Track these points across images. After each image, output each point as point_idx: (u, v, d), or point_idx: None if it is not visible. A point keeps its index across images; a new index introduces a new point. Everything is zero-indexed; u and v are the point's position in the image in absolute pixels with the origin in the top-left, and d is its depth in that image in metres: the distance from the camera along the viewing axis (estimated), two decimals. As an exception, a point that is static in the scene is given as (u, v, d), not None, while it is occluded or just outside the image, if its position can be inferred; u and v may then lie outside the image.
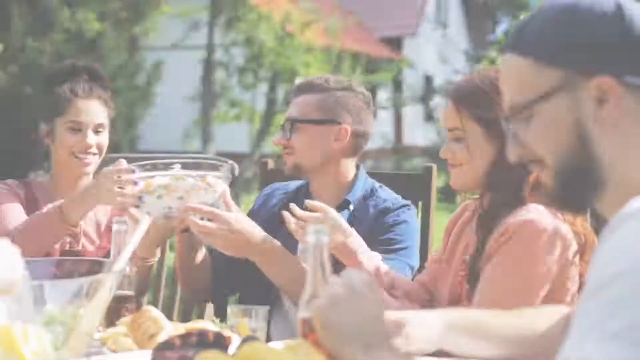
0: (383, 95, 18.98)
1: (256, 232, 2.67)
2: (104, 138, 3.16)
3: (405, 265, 2.84)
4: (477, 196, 2.64)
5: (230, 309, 2.26)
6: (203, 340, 1.76)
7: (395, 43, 25.69)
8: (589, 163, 1.44)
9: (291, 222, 2.60)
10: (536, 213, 2.37)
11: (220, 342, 1.76)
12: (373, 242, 2.77)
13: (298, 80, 3.24)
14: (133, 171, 2.73)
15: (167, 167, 2.70)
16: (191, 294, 3.17)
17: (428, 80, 24.81)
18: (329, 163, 2.99)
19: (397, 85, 20.44)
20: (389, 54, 23.84)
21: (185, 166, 2.71)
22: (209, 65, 13.05)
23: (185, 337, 1.75)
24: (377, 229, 2.88)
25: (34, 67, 15.94)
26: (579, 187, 1.47)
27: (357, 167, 3.08)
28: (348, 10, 23.00)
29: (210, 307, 3.25)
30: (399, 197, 3.00)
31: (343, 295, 1.49)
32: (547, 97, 1.46)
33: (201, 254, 2.98)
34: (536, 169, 1.53)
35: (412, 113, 24.35)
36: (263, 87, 14.32)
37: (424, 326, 1.79)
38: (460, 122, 2.52)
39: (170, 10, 13.37)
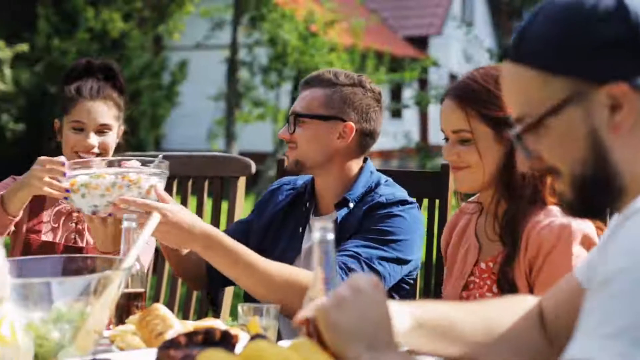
0: (408, 94, 18.97)
1: (196, 222, 2.53)
2: (109, 138, 3.15)
3: (395, 257, 2.73)
4: (473, 198, 2.63)
5: (241, 307, 2.23)
6: (209, 339, 1.74)
7: (420, 42, 25.64)
8: (605, 171, 1.38)
9: None
10: (563, 215, 2.33)
11: (227, 341, 1.74)
12: (359, 234, 2.73)
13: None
14: (63, 164, 2.71)
15: (112, 164, 2.68)
16: (188, 284, 3.13)
17: (453, 79, 24.72)
18: (331, 161, 2.90)
19: (423, 84, 20.37)
20: (414, 53, 23.77)
21: (110, 164, 2.69)
22: (232, 65, 13.04)
23: (191, 335, 1.73)
24: (365, 222, 2.79)
25: (59, 66, 16.02)
26: (597, 196, 1.41)
27: (365, 161, 2.98)
28: (372, 10, 23.00)
29: (226, 306, 3.24)
30: (401, 193, 2.88)
31: (348, 296, 1.46)
32: (558, 110, 1.39)
33: None
34: (550, 177, 1.50)
35: (437, 112, 24.25)
36: (287, 87, 14.30)
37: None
38: (468, 124, 2.47)
39: (194, 10, 13.37)
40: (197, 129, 18.42)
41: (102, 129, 3.12)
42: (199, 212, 3.65)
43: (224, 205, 3.61)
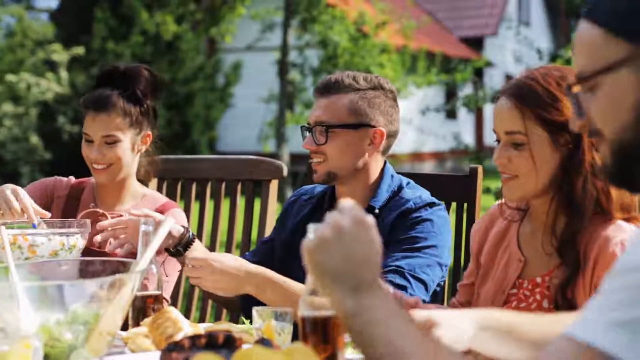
0: (462, 95, 18.87)
1: (241, 265, 2.59)
2: (119, 150, 3.13)
3: (435, 262, 2.72)
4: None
5: (256, 311, 2.23)
6: (212, 342, 1.76)
7: (475, 43, 25.49)
8: None
9: None
10: (630, 232, 2.23)
11: (230, 344, 1.76)
12: (393, 244, 2.70)
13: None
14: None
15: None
16: (222, 306, 3.15)
17: (509, 79, 24.45)
18: (362, 168, 2.86)
19: (478, 85, 20.23)
20: (469, 53, 23.63)
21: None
22: (283, 67, 13.07)
23: (194, 338, 1.75)
24: (397, 230, 2.76)
25: (113, 69, 16.18)
26: (635, 166, 1.41)
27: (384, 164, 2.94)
28: (427, 11, 22.91)
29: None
30: (426, 195, 2.86)
31: (330, 237, 1.44)
32: (612, 69, 1.40)
33: None
34: (596, 141, 1.48)
35: (492, 113, 24.06)
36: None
37: (454, 328, 1.74)
38: (524, 126, 2.31)
39: (245, 12, 13.44)
40: (249, 130, 18.52)
41: (108, 140, 3.12)
42: (232, 214, 3.69)
43: (257, 208, 3.63)
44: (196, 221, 3.76)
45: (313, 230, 1.53)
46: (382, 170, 2.92)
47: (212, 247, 3.68)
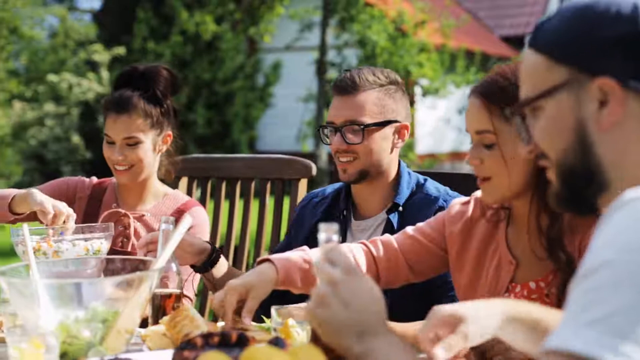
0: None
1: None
2: (140, 151, 3.14)
3: None
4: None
5: (274, 310, 2.22)
6: (225, 341, 1.76)
7: (516, 41, 25.31)
8: (589, 164, 1.44)
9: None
10: None
11: (243, 343, 1.76)
12: None
13: (340, 77, 2.90)
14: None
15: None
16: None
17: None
18: (389, 164, 2.88)
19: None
20: (510, 52, 23.47)
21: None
22: (321, 66, 13.07)
23: (207, 337, 1.75)
24: (423, 219, 2.64)
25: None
26: (580, 187, 1.47)
27: (399, 162, 2.94)
28: (466, 9, 22.78)
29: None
30: (450, 191, 2.87)
31: (326, 292, 1.47)
32: (552, 93, 1.46)
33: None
34: (545, 165, 1.53)
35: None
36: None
37: (480, 320, 1.73)
38: (492, 124, 2.22)
39: (284, 12, 13.47)
40: (288, 130, 18.54)
41: (129, 142, 3.13)
42: (261, 213, 3.69)
43: (285, 207, 3.63)
44: (226, 220, 3.77)
45: (324, 230, 1.54)
46: (399, 168, 2.93)
47: (241, 247, 3.69)
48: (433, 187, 2.89)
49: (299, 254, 2.43)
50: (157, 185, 3.29)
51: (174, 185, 3.69)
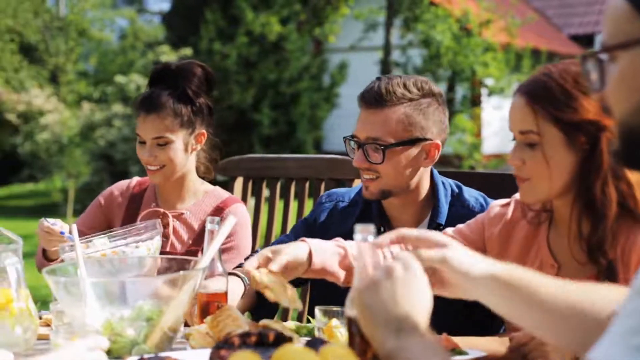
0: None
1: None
2: (170, 151, 3.10)
3: None
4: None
5: (318, 310, 2.24)
6: (262, 340, 1.77)
7: (586, 40, 24.97)
8: None
9: None
10: None
11: (281, 343, 1.77)
12: None
13: (368, 88, 2.77)
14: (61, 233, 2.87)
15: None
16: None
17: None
18: (418, 182, 2.74)
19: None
20: (579, 51, 23.18)
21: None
22: (385, 66, 13.05)
23: (245, 336, 1.76)
24: None
25: (219, 70, 16.44)
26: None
27: (431, 172, 2.81)
28: (534, 8, 22.53)
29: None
30: (483, 195, 2.81)
31: (381, 279, 1.48)
32: (629, 46, 1.36)
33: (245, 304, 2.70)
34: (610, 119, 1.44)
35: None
36: (441, 88, 14.19)
37: (461, 273, 1.62)
38: (537, 125, 2.17)
39: (349, 12, 13.49)
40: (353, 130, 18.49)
41: (159, 142, 3.10)
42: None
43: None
44: (280, 220, 3.78)
45: (360, 230, 1.55)
46: (432, 178, 2.80)
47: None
48: (470, 196, 2.79)
49: (332, 242, 2.41)
50: (196, 183, 3.26)
51: (230, 186, 3.71)
